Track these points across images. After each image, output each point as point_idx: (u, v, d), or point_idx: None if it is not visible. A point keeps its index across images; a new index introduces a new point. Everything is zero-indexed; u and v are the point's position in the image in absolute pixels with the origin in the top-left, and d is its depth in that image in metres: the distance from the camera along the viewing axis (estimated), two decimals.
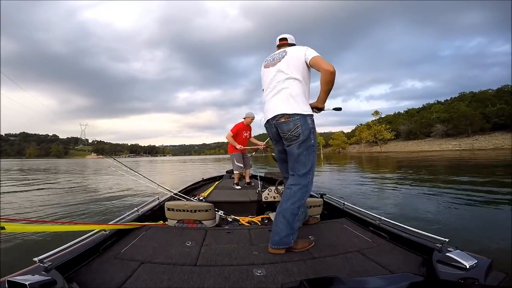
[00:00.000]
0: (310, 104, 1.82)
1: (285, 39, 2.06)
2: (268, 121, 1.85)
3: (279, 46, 2.05)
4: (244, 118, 4.74)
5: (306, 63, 1.78)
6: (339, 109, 2.22)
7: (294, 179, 1.74)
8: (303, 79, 1.79)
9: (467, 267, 1.10)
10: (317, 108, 1.87)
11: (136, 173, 3.09)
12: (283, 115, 1.71)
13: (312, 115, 1.77)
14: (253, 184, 4.60)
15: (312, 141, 1.73)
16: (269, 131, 1.90)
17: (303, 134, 1.69)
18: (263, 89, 2.03)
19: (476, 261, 1.12)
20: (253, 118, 4.72)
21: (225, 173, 6.13)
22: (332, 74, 1.67)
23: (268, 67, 1.94)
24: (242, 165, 4.60)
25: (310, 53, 1.77)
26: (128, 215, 2.15)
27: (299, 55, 1.80)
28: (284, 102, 1.73)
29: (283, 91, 1.76)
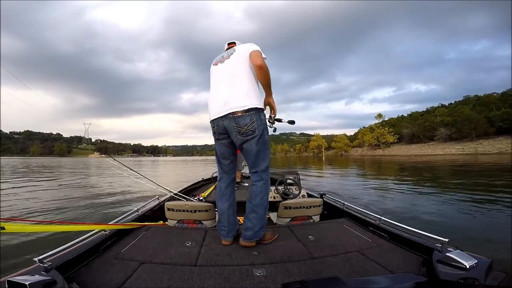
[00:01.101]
0: (264, 105, 1.84)
1: (234, 42, 2.09)
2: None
3: (227, 49, 2.04)
4: None
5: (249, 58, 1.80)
6: (292, 122, 2.23)
7: (258, 175, 1.78)
8: (252, 74, 1.79)
9: (467, 267, 1.10)
10: (272, 113, 1.95)
11: (136, 173, 3.10)
12: (240, 111, 1.67)
13: (263, 109, 1.79)
14: (246, 184, 4.59)
15: (266, 137, 1.77)
16: (216, 125, 1.78)
17: (259, 129, 1.70)
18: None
19: (476, 261, 1.13)
20: None
21: None
22: (260, 68, 1.70)
23: (217, 64, 1.92)
24: None
25: (252, 48, 1.79)
26: (128, 215, 2.15)
27: (244, 50, 1.81)
28: (240, 96, 1.70)
29: (236, 86, 1.73)
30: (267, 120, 1.91)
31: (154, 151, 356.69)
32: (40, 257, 1.17)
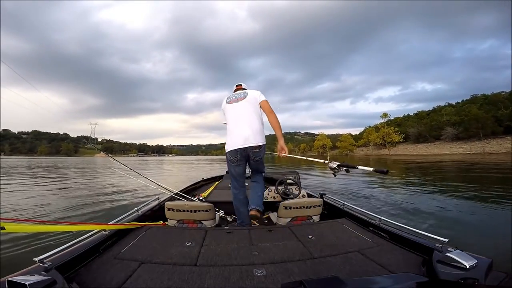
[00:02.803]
0: (278, 145, 2.49)
1: (240, 85, 2.74)
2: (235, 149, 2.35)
3: (236, 90, 2.71)
4: None
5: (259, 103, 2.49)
6: (383, 171, 1.69)
7: (258, 175, 2.59)
8: (261, 117, 2.46)
9: (467, 267, 1.11)
10: (282, 151, 2.49)
11: (137, 173, 3.12)
12: (257, 146, 2.33)
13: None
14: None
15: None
16: (239, 154, 2.35)
17: (263, 156, 2.46)
18: (224, 123, 2.58)
19: (476, 261, 1.13)
20: None
21: (225, 173, 6.12)
22: (272, 113, 2.46)
23: (232, 103, 2.49)
24: None
25: (261, 97, 2.49)
26: (128, 215, 2.17)
27: (256, 96, 2.48)
28: (256, 135, 2.32)
29: (252, 125, 2.35)
30: (332, 170, 1.86)
31: (159, 150, 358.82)
32: (40, 257, 1.18)
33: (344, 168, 1.73)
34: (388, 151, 70.13)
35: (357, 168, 1.67)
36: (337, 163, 1.76)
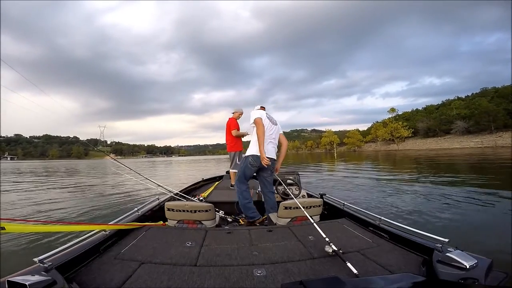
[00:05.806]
0: (277, 163, 3.03)
1: (264, 107, 3.06)
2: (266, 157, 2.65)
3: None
4: (233, 113, 4.47)
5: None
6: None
7: (271, 193, 2.88)
8: None
9: (467, 267, 1.10)
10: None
11: (137, 173, 3.15)
12: (274, 159, 2.82)
13: None
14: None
15: None
16: (260, 162, 2.63)
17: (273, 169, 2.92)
18: (252, 124, 2.85)
19: (476, 261, 1.12)
20: (241, 113, 4.52)
21: (225, 173, 6.00)
22: (286, 146, 3.13)
23: (270, 122, 2.85)
24: None
25: (281, 130, 3.04)
26: (128, 215, 2.19)
27: (280, 127, 2.98)
28: (275, 150, 2.84)
29: (275, 143, 2.85)
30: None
31: (168, 151, 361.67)
32: (40, 257, 1.20)
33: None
34: (397, 146, 69.08)
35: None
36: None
